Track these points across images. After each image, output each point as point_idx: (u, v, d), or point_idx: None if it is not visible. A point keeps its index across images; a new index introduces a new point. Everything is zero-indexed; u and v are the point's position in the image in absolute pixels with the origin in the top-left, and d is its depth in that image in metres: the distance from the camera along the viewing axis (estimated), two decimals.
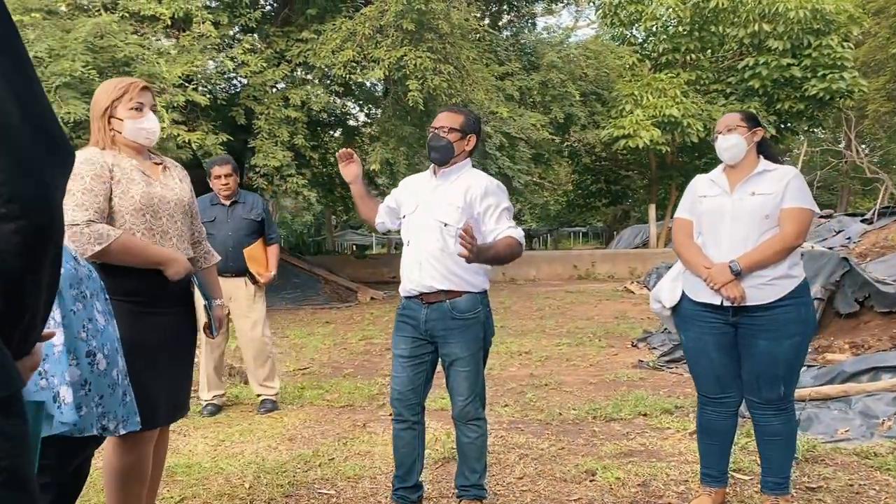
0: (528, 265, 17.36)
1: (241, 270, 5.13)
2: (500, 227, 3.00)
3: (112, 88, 2.57)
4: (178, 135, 8.60)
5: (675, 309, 3.14)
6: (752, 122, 3.06)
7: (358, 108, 15.86)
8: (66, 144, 0.90)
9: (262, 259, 5.29)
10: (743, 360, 2.98)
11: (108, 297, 1.91)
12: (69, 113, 7.49)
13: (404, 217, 3.15)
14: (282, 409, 5.15)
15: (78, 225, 2.33)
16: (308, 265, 14.15)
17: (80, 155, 2.50)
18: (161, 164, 2.69)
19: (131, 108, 2.53)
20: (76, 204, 2.38)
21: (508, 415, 4.83)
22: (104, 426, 1.71)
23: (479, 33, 13.08)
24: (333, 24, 10.09)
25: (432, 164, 3.14)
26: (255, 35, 11.31)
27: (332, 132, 16.07)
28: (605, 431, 4.39)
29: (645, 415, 4.70)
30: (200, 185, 5.22)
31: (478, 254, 2.78)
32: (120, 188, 2.49)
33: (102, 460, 2.55)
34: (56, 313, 1.61)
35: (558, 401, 5.18)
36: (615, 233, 25.36)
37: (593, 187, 24.73)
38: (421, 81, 9.74)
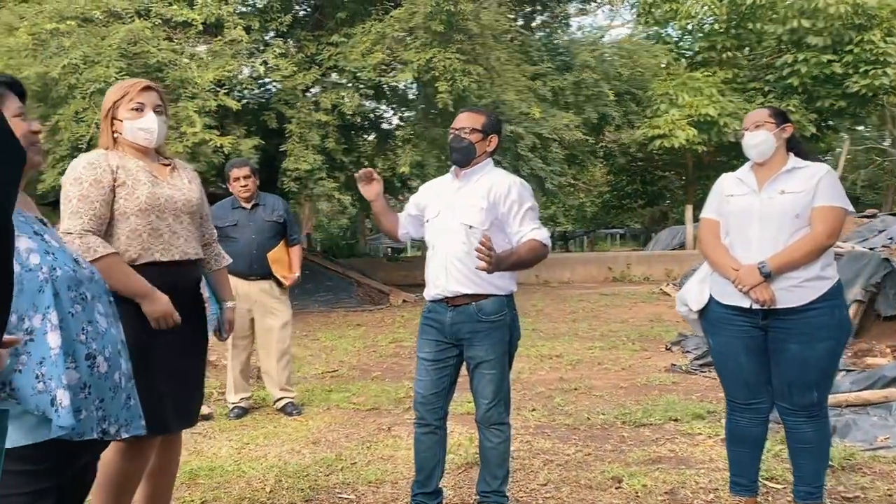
0: (562, 267, 17.21)
1: (266, 273, 5.11)
2: (524, 230, 2.94)
3: (115, 90, 2.58)
4: (210, 139, 8.67)
5: (702, 312, 3.04)
6: (780, 118, 2.95)
7: (392, 112, 15.88)
8: (13, 142, 0.87)
9: (286, 261, 5.28)
10: (773, 365, 2.87)
11: (111, 299, 1.90)
12: None
13: (427, 221, 3.11)
14: (307, 411, 5.13)
15: (71, 234, 2.34)
16: (341, 268, 14.20)
17: (84, 158, 2.50)
18: (169, 164, 2.67)
19: (131, 109, 2.51)
20: (72, 211, 2.38)
21: (535, 419, 4.75)
22: (105, 430, 1.69)
23: (509, 34, 13.00)
24: (363, 27, 10.10)
25: (454, 167, 3.09)
26: (286, 39, 11.38)
27: (365, 136, 16.11)
28: (634, 437, 4.28)
29: (676, 420, 4.58)
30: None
31: (497, 263, 2.75)
32: (125, 190, 2.48)
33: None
34: (52, 315, 1.59)
35: (587, 405, 5.08)
36: (653, 234, 25.01)
37: (629, 188, 24.42)
38: (450, 83, 9.70)
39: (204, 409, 4.96)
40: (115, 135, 2.55)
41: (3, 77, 1.79)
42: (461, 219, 2.95)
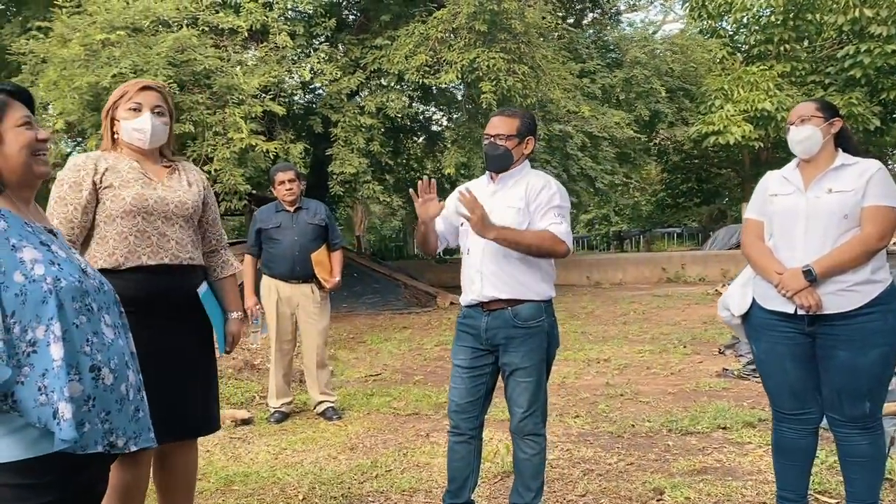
0: (615, 268, 16.93)
1: (308, 276, 5.11)
2: (543, 224, 2.83)
3: (117, 90, 2.55)
4: (257, 145, 8.76)
5: (745, 317, 2.89)
6: (828, 111, 2.78)
7: (441, 113, 15.86)
8: None
9: (328, 264, 5.27)
10: (822, 374, 2.70)
11: (122, 310, 1.87)
12: None
13: (462, 225, 3.00)
14: (347, 416, 5.11)
15: None
16: (388, 270, 14.22)
17: (73, 159, 2.48)
18: (170, 166, 2.60)
19: (129, 109, 2.47)
20: (49, 212, 2.35)
21: (578, 426, 4.63)
22: (112, 443, 1.66)
23: (556, 31, 12.82)
24: (406, 29, 10.08)
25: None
26: (331, 44, 11.45)
27: (415, 138, 16.12)
28: (680, 446, 4.12)
29: (724, 428, 4.40)
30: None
31: (485, 224, 2.71)
32: (111, 192, 2.43)
33: None
34: (56, 327, 1.57)
35: (632, 412, 4.93)
36: (710, 233, 24.41)
37: (683, 186, 23.91)
38: (494, 83, 9.60)
39: (244, 414, 5.00)
40: (115, 135, 2.52)
41: (6, 86, 1.78)
42: (498, 221, 2.84)
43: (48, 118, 9.11)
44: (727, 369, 6.12)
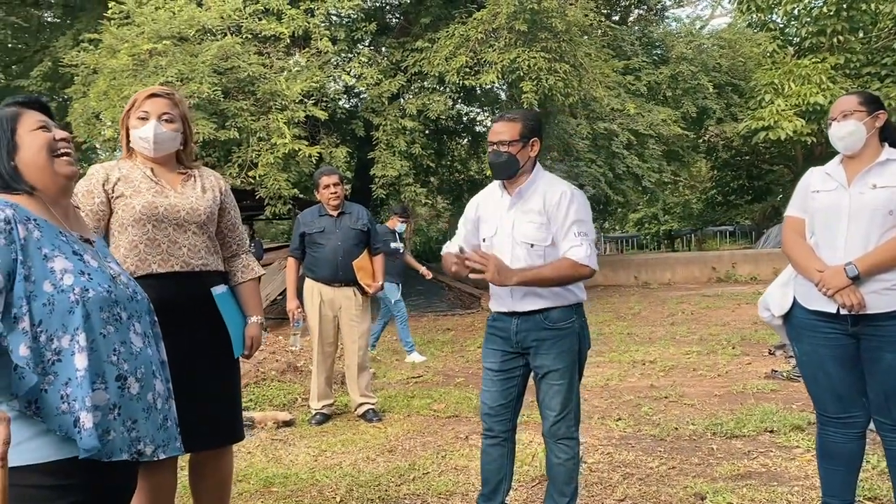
0: (663, 268, 16.65)
1: (350, 280, 5.15)
2: (565, 246, 2.76)
3: (130, 100, 2.56)
4: (300, 149, 8.87)
5: (786, 317, 2.80)
6: (872, 104, 2.67)
7: (486, 114, 15.82)
8: None
9: (370, 269, 5.30)
10: (868, 377, 2.60)
11: (155, 318, 1.90)
12: (198, 133, 7.90)
13: (484, 240, 2.93)
14: (387, 418, 5.12)
15: None
16: (432, 272, 14.22)
17: (90, 169, 2.52)
18: (186, 173, 2.59)
19: (138, 118, 2.48)
20: None
21: (620, 429, 4.55)
22: (140, 451, 1.68)
23: (599, 28, 12.68)
24: (446, 31, 10.09)
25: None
26: (372, 48, 11.53)
27: (458, 140, 16.13)
28: (724, 449, 4.02)
29: (771, 431, 4.28)
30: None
31: (503, 275, 2.68)
32: (122, 201, 2.45)
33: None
34: (81, 337, 1.60)
35: (676, 414, 4.83)
36: (763, 231, 23.83)
37: (734, 184, 23.40)
38: (535, 82, 9.53)
39: (286, 416, 5.05)
40: (130, 144, 2.54)
41: (19, 98, 1.83)
42: (520, 237, 2.80)
43: (100, 127, 9.38)
44: (776, 371, 5.96)
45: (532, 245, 2.78)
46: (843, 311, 2.55)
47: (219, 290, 2.55)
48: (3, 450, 1.43)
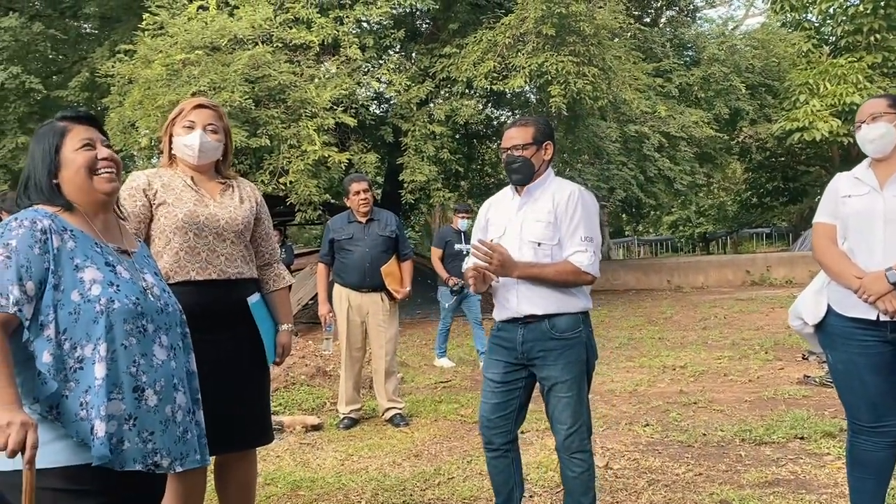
0: (696, 271, 16.47)
1: (378, 286, 5.19)
2: (570, 248, 2.77)
3: (175, 109, 2.65)
4: (330, 156, 8.96)
5: (819, 325, 2.76)
6: None
7: (516, 118, 15.81)
8: None
9: (398, 275, 5.34)
10: None
11: (186, 330, 1.91)
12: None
13: (492, 241, 2.90)
14: (414, 423, 5.15)
15: None
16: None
17: (130, 176, 2.60)
18: (225, 183, 2.67)
19: (184, 126, 2.57)
20: None
21: (647, 435, 4.52)
22: (156, 462, 1.70)
23: (629, 31, 12.61)
24: (475, 37, 10.13)
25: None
26: (401, 54, 11.61)
27: (488, 143, 16.14)
28: (753, 456, 3.97)
29: (801, 438, 4.22)
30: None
31: (507, 266, 2.70)
32: (164, 209, 2.53)
33: None
34: (102, 347, 1.63)
35: (705, 420, 4.78)
36: (801, 232, 23.43)
37: (769, 185, 23.01)
38: (563, 86, 9.51)
39: (314, 420, 5.11)
40: (172, 152, 2.61)
41: (69, 112, 1.87)
42: (528, 236, 2.80)
43: (136, 136, 9.58)
44: (809, 376, 5.86)
45: (539, 244, 2.79)
46: (883, 318, 2.51)
47: (253, 298, 2.62)
48: (31, 454, 1.49)
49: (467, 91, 10.91)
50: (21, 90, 12.46)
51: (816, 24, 17.56)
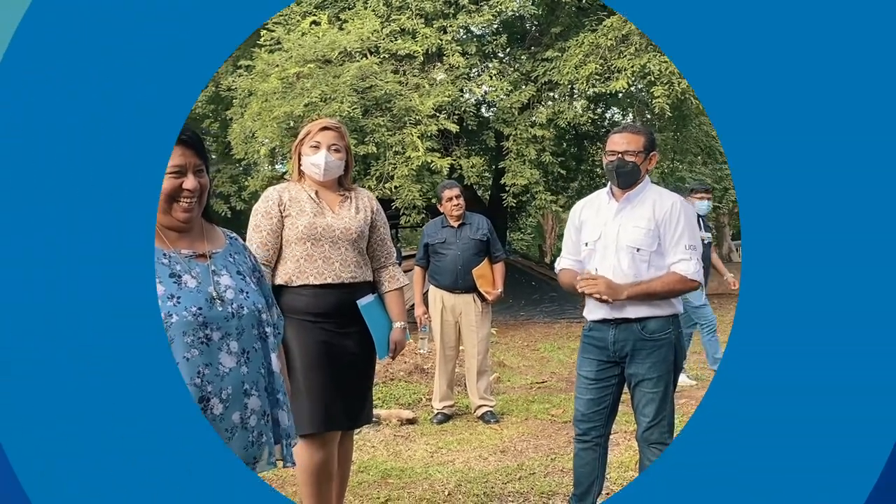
0: None
1: (470, 288, 5.39)
2: (672, 259, 2.88)
3: (303, 130, 3.00)
4: (433, 161, 9.26)
5: None
6: None
7: (626, 117, 15.61)
8: None
9: (490, 277, 5.51)
10: None
11: (264, 331, 1.90)
12: None
13: (587, 245, 3.02)
14: (505, 420, 5.32)
15: None
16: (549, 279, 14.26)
17: (266, 191, 2.95)
18: (345, 195, 2.98)
19: (311, 146, 2.90)
20: (248, 238, 2.80)
21: None
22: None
23: None
24: (576, 40, 10.16)
25: (609, 187, 3.05)
26: (504, 60, 11.78)
27: (600, 144, 16.04)
28: None
29: None
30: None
31: (614, 291, 2.81)
32: (290, 220, 2.87)
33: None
34: None
35: None
36: None
37: None
38: (667, 86, 9.39)
39: (409, 414, 5.38)
40: (301, 168, 2.95)
41: (185, 135, 1.81)
42: (626, 241, 2.89)
43: (256, 146, 10.24)
44: None
45: (638, 249, 2.87)
46: None
47: (364, 301, 2.91)
48: None
49: (569, 94, 10.94)
50: None
51: None
